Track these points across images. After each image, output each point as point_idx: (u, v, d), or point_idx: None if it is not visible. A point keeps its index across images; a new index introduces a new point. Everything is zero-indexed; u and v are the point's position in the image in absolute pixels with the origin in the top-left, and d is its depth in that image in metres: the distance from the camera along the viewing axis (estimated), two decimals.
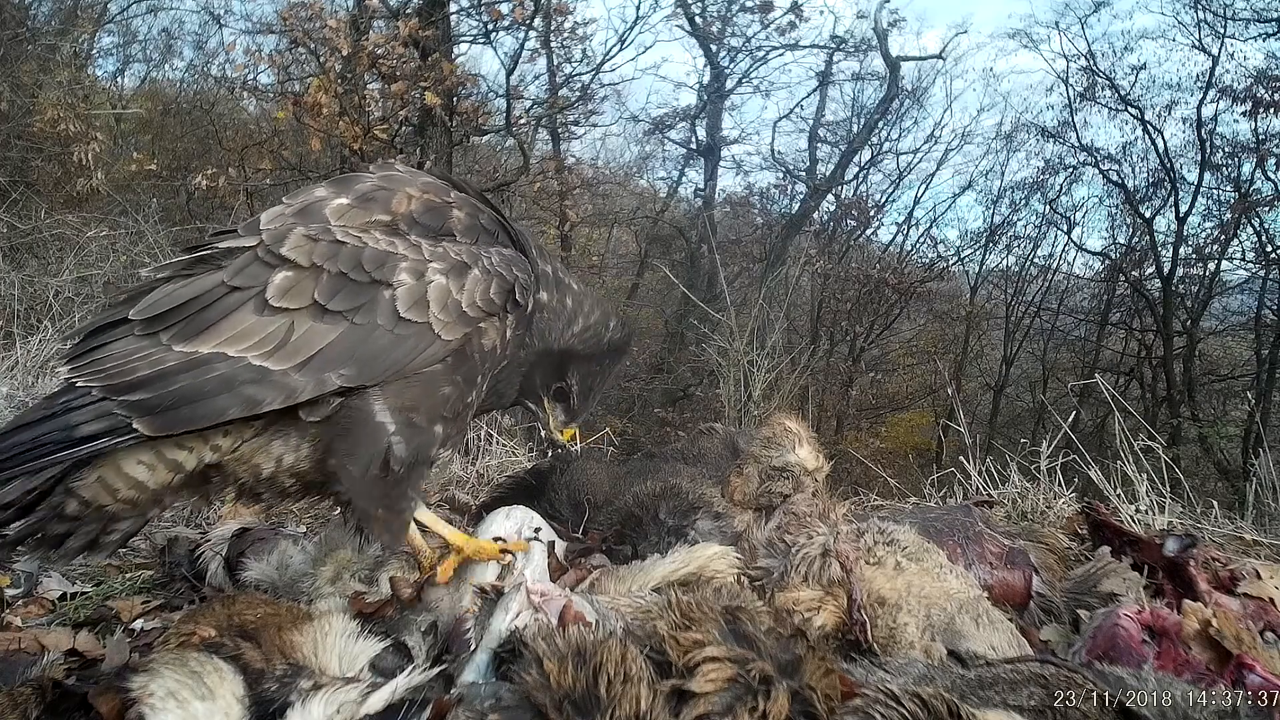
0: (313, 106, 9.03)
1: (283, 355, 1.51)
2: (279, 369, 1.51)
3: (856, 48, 18.67)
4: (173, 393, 1.47)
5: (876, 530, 2.09)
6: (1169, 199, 16.53)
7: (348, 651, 1.50)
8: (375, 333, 1.57)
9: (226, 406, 1.49)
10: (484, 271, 1.70)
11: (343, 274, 1.57)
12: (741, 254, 19.07)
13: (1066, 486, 3.38)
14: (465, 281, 1.67)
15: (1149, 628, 1.76)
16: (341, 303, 1.55)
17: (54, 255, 8.26)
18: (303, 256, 1.57)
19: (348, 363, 1.55)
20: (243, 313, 1.53)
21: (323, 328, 1.54)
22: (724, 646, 1.35)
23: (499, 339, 1.76)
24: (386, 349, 1.58)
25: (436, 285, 1.63)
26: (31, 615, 2.12)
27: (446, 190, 1.81)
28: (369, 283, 1.58)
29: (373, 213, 1.67)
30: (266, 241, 1.58)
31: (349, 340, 1.55)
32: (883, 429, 18.67)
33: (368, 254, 1.59)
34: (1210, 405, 15.86)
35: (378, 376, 1.58)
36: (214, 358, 1.50)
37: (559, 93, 13.30)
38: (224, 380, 1.49)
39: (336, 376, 1.54)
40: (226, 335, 1.51)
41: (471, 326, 1.68)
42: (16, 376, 4.74)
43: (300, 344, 1.53)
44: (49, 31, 11.76)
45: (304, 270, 1.56)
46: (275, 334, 1.52)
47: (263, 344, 1.51)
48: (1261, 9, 14.80)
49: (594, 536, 2.56)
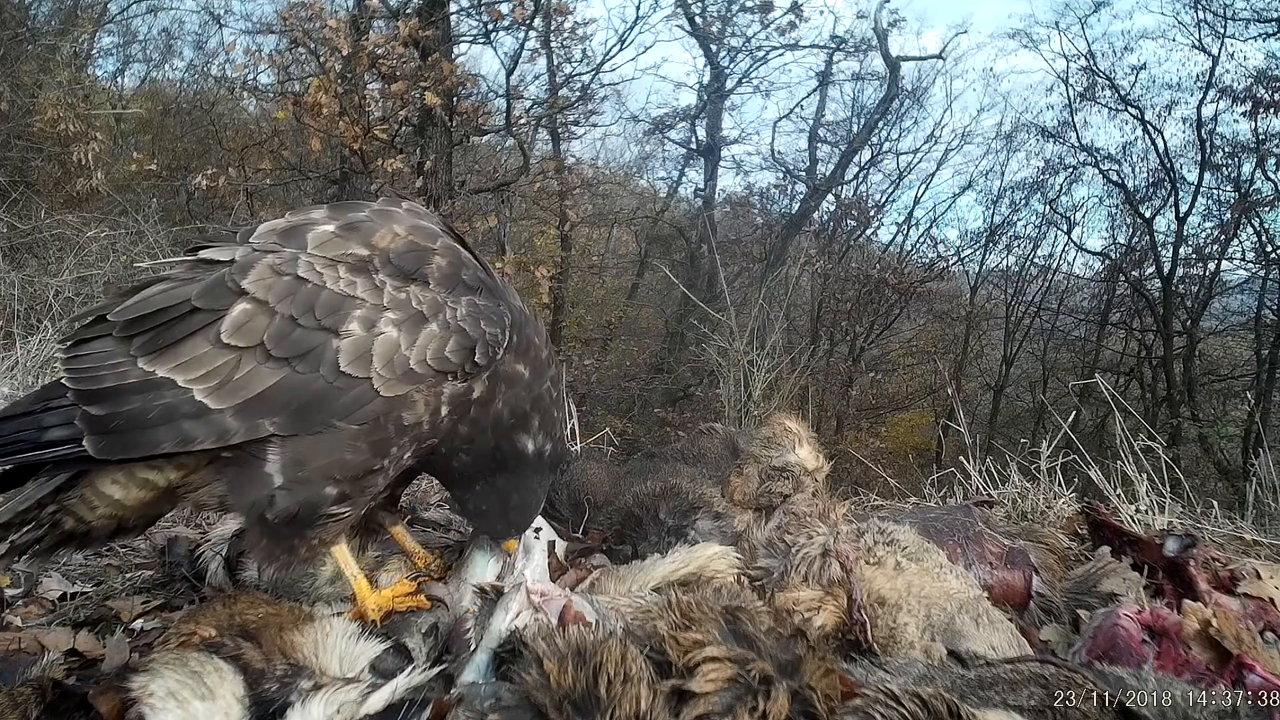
0: (313, 106, 9.03)
1: (224, 394, 1.49)
2: (217, 408, 1.49)
3: (856, 48, 18.69)
4: (124, 414, 1.48)
5: (876, 530, 2.09)
6: (1169, 199, 16.53)
7: (348, 652, 1.50)
8: (315, 384, 1.51)
9: (161, 440, 1.49)
10: (442, 325, 1.58)
11: (293, 318, 1.52)
12: (741, 254, 19.07)
13: (1066, 486, 3.38)
14: (419, 336, 1.56)
15: (1149, 628, 1.76)
16: (286, 349, 1.51)
17: (54, 255, 8.26)
18: (262, 291, 1.53)
19: (282, 411, 1.51)
20: (199, 339, 1.52)
21: (265, 371, 1.50)
22: (724, 646, 1.36)
23: (428, 413, 1.61)
24: (321, 402, 1.52)
25: (385, 339, 1.54)
26: (31, 615, 2.12)
27: (435, 237, 1.69)
28: (317, 329, 1.52)
29: (350, 244, 1.60)
30: (235, 267, 1.55)
31: (287, 389, 1.51)
32: (883, 429, 18.66)
33: (323, 298, 1.53)
34: (1210, 405, 15.85)
35: (309, 430, 1.53)
36: (165, 383, 1.50)
37: (559, 93, 13.30)
38: (167, 410, 1.49)
39: (269, 424, 1.51)
40: (182, 360, 1.51)
41: (417, 384, 1.57)
42: (16, 376, 4.74)
43: (241, 384, 1.50)
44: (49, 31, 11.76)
45: (261, 306, 1.52)
46: (222, 369, 1.50)
47: (209, 378, 1.50)
48: (1261, 9, 14.80)
49: (594, 536, 2.57)
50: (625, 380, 17.29)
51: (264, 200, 11.89)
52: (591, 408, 14.32)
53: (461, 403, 1.67)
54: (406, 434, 1.61)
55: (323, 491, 1.58)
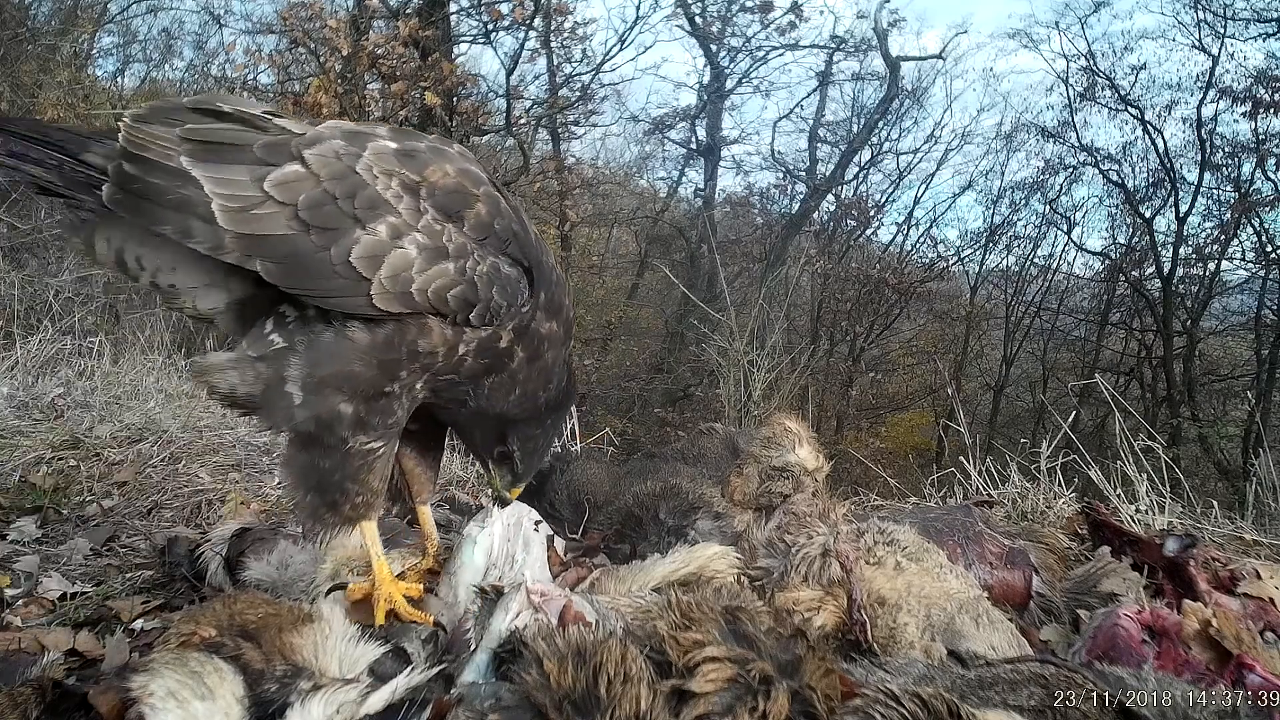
0: (313, 106, 9.02)
1: (236, 218, 1.56)
2: (224, 226, 1.55)
3: (856, 48, 18.72)
4: (147, 182, 1.58)
5: (876, 530, 2.09)
6: (1169, 199, 16.54)
7: (348, 655, 1.50)
8: (319, 255, 1.57)
9: (167, 222, 1.58)
10: (458, 269, 1.64)
11: (333, 195, 1.59)
12: (741, 254, 19.08)
13: (1066, 486, 3.37)
14: (432, 268, 1.62)
15: (1149, 628, 1.76)
16: (313, 216, 1.58)
17: (54, 255, 8.26)
18: (318, 165, 1.60)
19: (274, 258, 1.57)
20: (241, 170, 1.60)
21: (282, 221, 1.57)
22: (724, 646, 1.35)
23: (444, 347, 1.67)
24: (317, 273, 1.58)
25: (402, 254, 1.60)
26: (31, 615, 2.12)
27: (480, 183, 1.74)
28: (349, 214, 1.59)
29: (406, 168, 1.66)
30: (304, 139, 1.63)
31: (293, 245, 1.57)
32: (883, 429, 18.66)
33: (368, 192, 1.60)
34: (1210, 405, 15.86)
35: (291, 287, 1.59)
36: (194, 181, 1.57)
37: (559, 93, 13.31)
38: (183, 201, 1.57)
39: (260, 263, 1.57)
40: (218, 175, 1.58)
41: (411, 309, 1.62)
42: (16, 376, 4.74)
43: (255, 219, 1.57)
44: (49, 31, 11.75)
45: (311, 175, 1.60)
46: (247, 199, 1.57)
47: (232, 199, 1.57)
48: (1261, 9, 14.81)
49: (594, 536, 2.57)
50: (625, 380, 17.29)
51: None
52: (591, 408, 14.32)
53: (487, 349, 1.73)
54: (418, 361, 1.67)
55: (336, 407, 1.63)
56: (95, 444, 3.54)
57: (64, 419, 3.98)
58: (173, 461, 3.43)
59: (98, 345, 5.67)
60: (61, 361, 5.38)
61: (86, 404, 4.27)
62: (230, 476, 3.35)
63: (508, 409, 1.87)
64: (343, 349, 1.62)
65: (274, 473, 3.47)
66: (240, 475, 3.39)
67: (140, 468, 3.33)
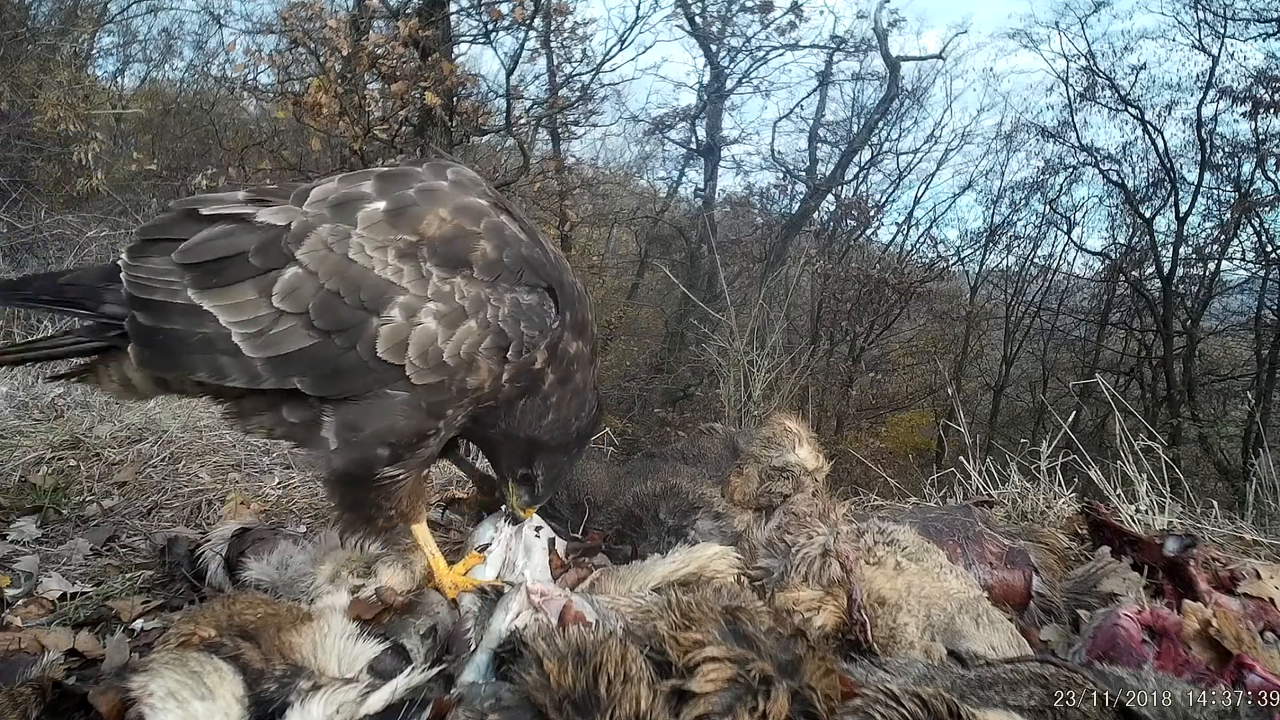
0: (313, 106, 9.01)
1: (260, 344, 1.59)
2: (252, 355, 1.59)
3: (856, 48, 18.73)
4: (167, 331, 1.62)
5: (876, 530, 2.09)
6: (1169, 199, 16.54)
7: (347, 653, 1.50)
8: (348, 356, 1.59)
9: (198, 367, 1.62)
10: (481, 324, 1.63)
11: (339, 294, 1.59)
12: (741, 254, 19.07)
13: (1066, 486, 3.37)
14: (456, 331, 1.61)
15: (1149, 628, 1.76)
16: (328, 322, 1.59)
17: (54, 255, 8.25)
18: (313, 263, 1.60)
19: (310, 373, 1.60)
20: (248, 287, 1.60)
21: (303, 334, 1.59)
22: (724, 646, 1.35)
23: (490, 379, 1.68)
24: (351, 374, 1.60)
25: (423, 330, 1.59)
26: (31, 615, 2.11)
27: (480, 216, 1.70)
28: (359, 308, 1.59)
29: (399, 230, 1.63)
30: (291, 235, 1.63)
31: (320, 355, 1.59)
32: (883, 429, 18.65)
33: (369, 281, 1.59)
34: (1210, 405, 15.86)
35: (332, 395, 1.62)
36: (209, 316, 1.60)
37: (559, 93, 13.31)
38: (206, 341, 1.60)
39: (297, 380, 1.60)
40: (228, 301, 1.60)
41: (448, 375, 1.63)
42: (16, 376, 4.74)
43: (276, 340, 1.59)
44: (49, 31, 11.75)
45: (310, 276, 1.59)
46: (263, 320, 1.59)
47: (249, 325, 1.59)
48: (1261, 9, 14.81)
49: (594, 536, 2.56)
50: (625, 380, 17.28)
51: None
52: None
53: (523, 372, 1.74)
54: (467, 397, 1.68)
55: (375, 452, 1.67)
56: (95, 444, 3.54)
57: (64, 419, 3.97)
58: (173, 461, 3.43)
59: None
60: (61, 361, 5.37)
61: (86, 404, 4.27)
62: (230, 476, 3.35)
63: (539, 434, 1.86)
64: (380, 405, 1.64)
65: (274, 473, 3.47)
66: (240, 475, 3.38)
67: (140, 468, 3.33)
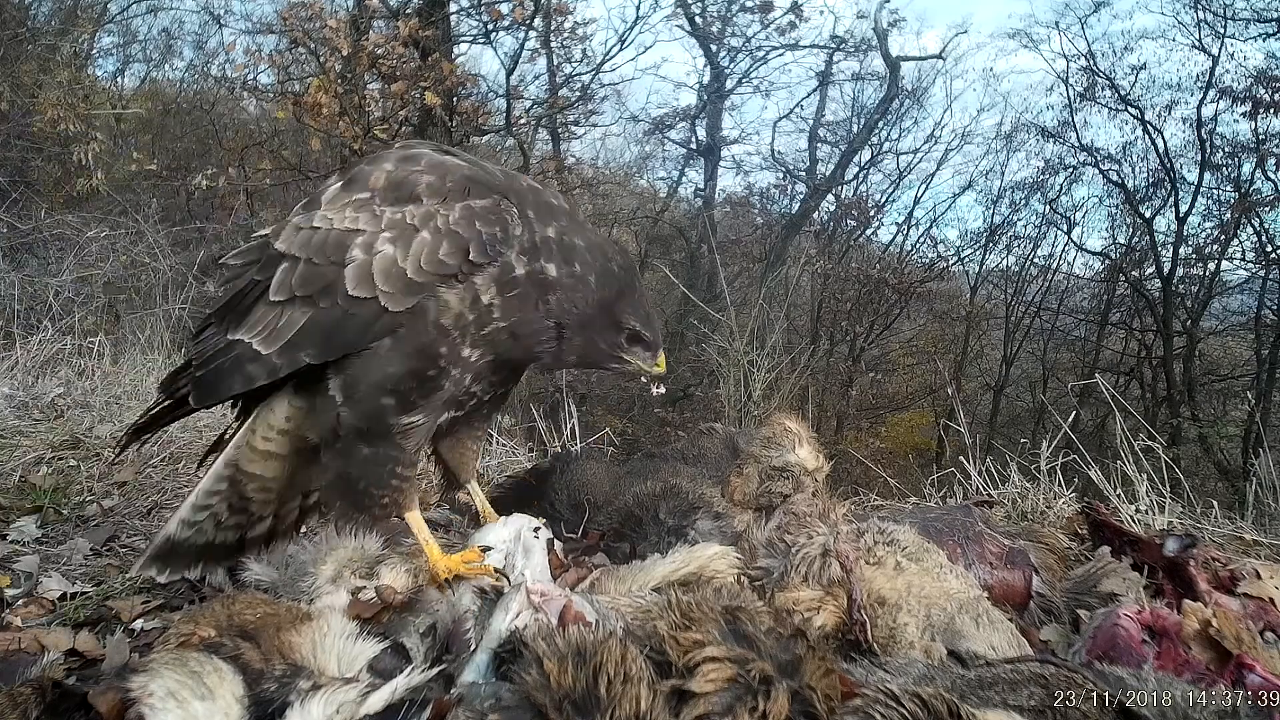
0: (313, 106, 9.02)
1: (270, 339, 1.73)
2: (266, 352, 1.73)
3: (856, 48, 18.72)
4: (211, 369, 1.82)
5: (876, 530, 2.08)
6: (1169, 199, 16.54)
7: (346, 652, 1.50)
8: (333, 312, 1.68)
9: (234, 385, 1.78)
10: (434, 231, 1.66)
11: (311, 260, 1.71)
12: (741, 254, 19.07)
13: (1066, 486, 3.37)
14: (411, 246, 1.66)
15: (1149, 628, 1.76)
16: (308, 288, 1.70)
17: (54, 255, 8.25)
18: (291, 247, 1.75)
19: (312, 344, 1.71)
20: (261, 304, 1.78)
21: (297, 314, 1.72)
22: (724, 646, 1.35)
23: (468, 306, 1.69)
24: (340, 327, 1.69)
25: (383, 256, 1.66)
26: (31, 615, 2.11)
27: (420, 158, 1.78)
28: (329, 264, 1.69)
29: (353, 192, 1.75)
30: (270, 237, 1.81)
31: (315, 323, 1.70)
32: (883, 429, 18.65)
33: (332, 237, 1.70)
34: (1210, 405, 15.85)
35: (336, 353, 1.71)
36: (238, 343, 1.78)
37: (559, 93, 13.31)
38: (236, 361, 1.77)
39: (305, 355, 1.71)
40: (249, 323, 1.78)
41: (421, 295, 1.66)
42: (16, 376, 4.74)
43: (282, 330, 1.72)
44: (49, 31, 11.74)
45: (292, 260, 1.73)
46: (271, 321, 1.74)
47: (263, 330, 1.75)
48: (1261, 9, 14.81)
49: (594, 536, 2.56)
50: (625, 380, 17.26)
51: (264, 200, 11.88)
52: (591, 408, 14.32)
53: (508, 281, 1.72)
54: (453, 331, 1.71)
55: (380, 403, 1.72)
56: (95, 444, 3.54)
57: (64, 419, 3.98)
58: (173, 461, 3.43)
59: (98, 345, 5.67)
60: (61, 361, 5.38)
61: (86, 404, 4.27)
62: None
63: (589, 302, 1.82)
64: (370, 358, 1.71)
65: None
66: None
67: (140, 468, 3.33)
